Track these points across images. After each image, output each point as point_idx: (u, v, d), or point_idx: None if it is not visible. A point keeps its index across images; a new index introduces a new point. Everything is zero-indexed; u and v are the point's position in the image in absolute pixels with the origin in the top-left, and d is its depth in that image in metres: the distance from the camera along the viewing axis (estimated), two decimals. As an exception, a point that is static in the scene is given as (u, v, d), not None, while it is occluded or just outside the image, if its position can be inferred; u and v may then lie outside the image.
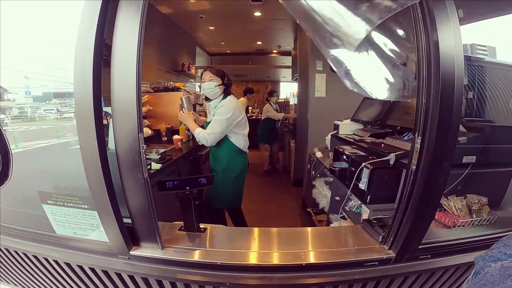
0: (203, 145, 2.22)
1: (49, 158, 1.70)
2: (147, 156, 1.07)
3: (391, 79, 1.02)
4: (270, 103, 5.14)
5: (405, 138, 1.61)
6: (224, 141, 2.16)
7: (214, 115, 2.12)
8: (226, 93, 2.19)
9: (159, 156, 2.21)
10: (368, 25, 0.82)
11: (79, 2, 0.97)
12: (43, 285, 1.44)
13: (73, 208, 1.17)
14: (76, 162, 1.04)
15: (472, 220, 1.31)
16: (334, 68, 0.91)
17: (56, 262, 1.27)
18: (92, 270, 1.22)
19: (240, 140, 2.20)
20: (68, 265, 1.25)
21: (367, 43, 0.95)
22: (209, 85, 2.13)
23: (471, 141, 1.40)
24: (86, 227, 1.18)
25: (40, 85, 2.08)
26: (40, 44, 1.64)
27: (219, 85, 2.14)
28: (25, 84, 1.97)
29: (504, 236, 0.46)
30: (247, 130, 2.24)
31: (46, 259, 1.28)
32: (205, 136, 2.09)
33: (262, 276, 1.12)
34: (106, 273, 1.21)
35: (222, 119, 2.06)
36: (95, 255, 1.19)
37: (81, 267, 1.24)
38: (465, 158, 1.37)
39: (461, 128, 1.42)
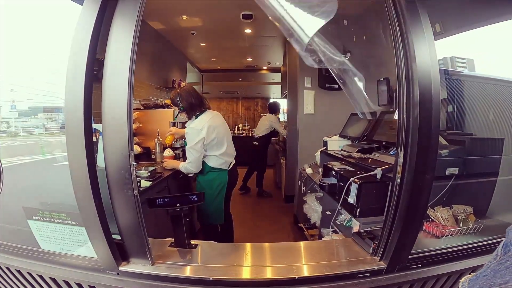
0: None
1: (34, 174, 1.66)
2: (137, 174, 1.06)
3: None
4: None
5: (391, 152, 1.67)
6: None
7: None
8: (191, 114, 2.20)
9: (149, 173, 2.19)
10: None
11: (72, 14, 0.98)
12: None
13: (60, 224, 1.14)
14: (63, 179, 1.03)
15: (459, 229, 1.34)
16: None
17: (41, 277, 1.22)
18: (79, 285, 1.18)
19: (211, 159, 2.21)
20: (53, 280, 1.20)
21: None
22: (175, 114, 2.24)
23: (453, 154, 1.45)
24: (73, 243, 1.15)
25: (26, 99, 2.03)
26: (28, 55, 1.60)
27: (179, 112, 2.21)
28: (11, 97, 1.92)
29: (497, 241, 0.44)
30: (222, 150, 2.21)
31: (30, 274, 1.24)
32: (187, 166, 2.19)
33: (255, 291, 1.11)
34: (93, 289, 1.17)
35: (188, 147, 2.14)
36: (83, 271, 1.15)
37: (67, 283, 1.19)
38: (448, 170, 1.42)
39: (443, 141, 1.48)
